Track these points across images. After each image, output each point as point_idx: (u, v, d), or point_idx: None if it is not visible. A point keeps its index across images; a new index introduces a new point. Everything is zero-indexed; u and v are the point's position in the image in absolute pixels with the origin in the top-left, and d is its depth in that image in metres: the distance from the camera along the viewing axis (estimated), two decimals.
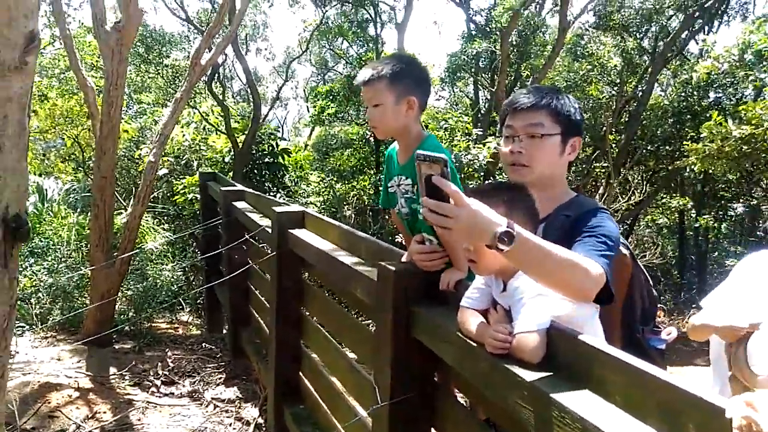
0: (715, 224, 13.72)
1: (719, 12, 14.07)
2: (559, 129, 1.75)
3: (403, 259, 1.99)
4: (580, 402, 1.16)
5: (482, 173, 8.07)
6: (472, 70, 13.28)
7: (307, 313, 3.29)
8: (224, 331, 5.74)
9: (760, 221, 13.35)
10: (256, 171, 9.00)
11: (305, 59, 19.72)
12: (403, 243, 2.46)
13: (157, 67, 13.55)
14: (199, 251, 6.81)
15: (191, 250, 7.49)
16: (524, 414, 1.28)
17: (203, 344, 5.18)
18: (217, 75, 12.44)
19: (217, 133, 10.17)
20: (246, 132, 9.50)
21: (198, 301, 6.68)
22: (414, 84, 2.03)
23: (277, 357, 3.32)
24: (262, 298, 4.24)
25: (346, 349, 3.12)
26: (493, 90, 10.66)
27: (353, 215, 10.50)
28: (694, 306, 11.05)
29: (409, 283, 1.85)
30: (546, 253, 1.35)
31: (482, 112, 13.24)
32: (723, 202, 13.63)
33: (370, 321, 3.98)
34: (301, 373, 3.30)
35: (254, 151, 9.16)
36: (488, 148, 7.65)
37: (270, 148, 9.27)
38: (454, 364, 1.62)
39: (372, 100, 2.02)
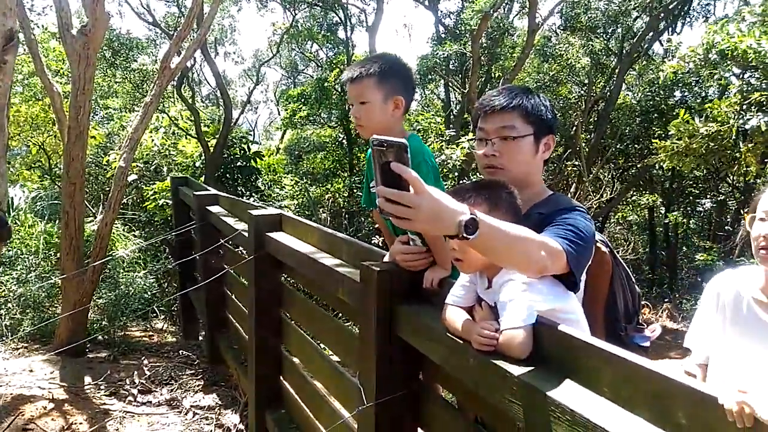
0: (684, 220, 14.01)
1: (682, 13, 14.43)
2: (531, 129, 1.76)
3: (385, 260, 1.98)
4: (570, 394, 1.18)
5: (456, 173, 8.12)
6: (443, 72, 13.36)
7: (287, 317, 3.26)
8: (200, 338, 5.67)
9: (728, 217, 13.68)
10: (228, 175, 8.92)
11: (275, 62, 19.61)
12: (385, 243, 2.45)
13: (124, 72, 13.32)
14: (172, 257, 6.71)
15: (164, 256, 7.36)
16: (513, 409, 1.29)
17: (180, 351, 5.10)
18: (186, 79, 12.28)
19: (186, 138, 10.04)
20: (217, 136, 9.39)
21: (172, 308, 6.57)
22: (401, 84, 2.03)
23: (257, 362, 3.28)
24: (240, 303, 4.20)
25: (329, 351, 3.11)
26: (465, 91, 10.75)
27: (328, 218, 10.47)
28: (666, 300, 11.28)
29: (393, 283, 1.84)
30: (504, 234, 1.33)
31: (454, 113, 13.34)
32: (691, 198, 13.94)
33: (351, 323, 3.97)
34: (282, 378, 3.27)
35: (226, 155, 9.06)
36: (462, 148, 7.70)
37: (242, 151, 9.19)
38: (441, 362, 1.62)
39: (359, 97, 2.00)
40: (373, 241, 8.09)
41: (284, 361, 3.26)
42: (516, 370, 1.29)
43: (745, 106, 7.18)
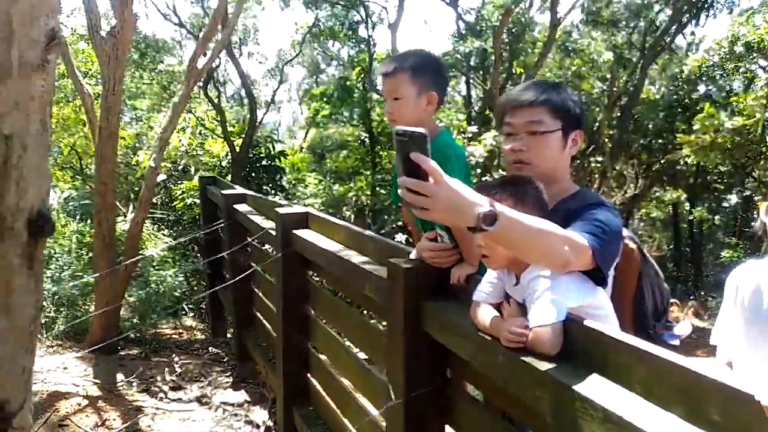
0: (709, 216, 13.78)
1: (706, 5, 14.16)
2: (559, 124, 1.75)
3: (412, 256, 2.00)
4: (601, 391, 1.19)
5: (479, 170, 8.10)
6: (464, 68, 13.31)
7: (314, 315, 3.30)
8: (229, 335, 5.75)
9: (755, 213, 13.41)
10: (254, 174, 9.02)
11: (297, 62, 19.73)
12: (411, 241, 2.47)
13: (152, 73, 13.53)
14: (200, 256, 6.81)
15: (193, 255, 7.48)
16: (543, 405, 1.30)
17: (209, 349, 5.19)
18: (211, 79, 12.44)
19: (213, 138, 10.18)
20: (242, 136, 9.51)
21: (201, 306, 6.67)
22: (434, 80, 2.04)
23: (284, 359, 3.33)
24: (267, 301, 4.25)
25: (355, 349, 3.14)
26: (487, 88, 10.70)
27: (352, 216, 10.52)
28: (692, 298, 11.13)
29: (420, 280, 1.86)
30: (525, 227, 1.33)
31: (476, 110, 13.28)
32: (716, 194, 13.70)
33: (378, 320, 4.00)
34: (309, 375, 3.31)
35: (251, 155, 9.17)
36: (484, 145, 7.68)
37: (267, 150, 9.29)
38: (469, 358, 1.63)
39: (393, 93, 2.02)
40: (396, 239, 8.11)
41: (311, 358, 3.30)
42: (546, 366, 1.31)
43: None
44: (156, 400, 4.00)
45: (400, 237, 8.74)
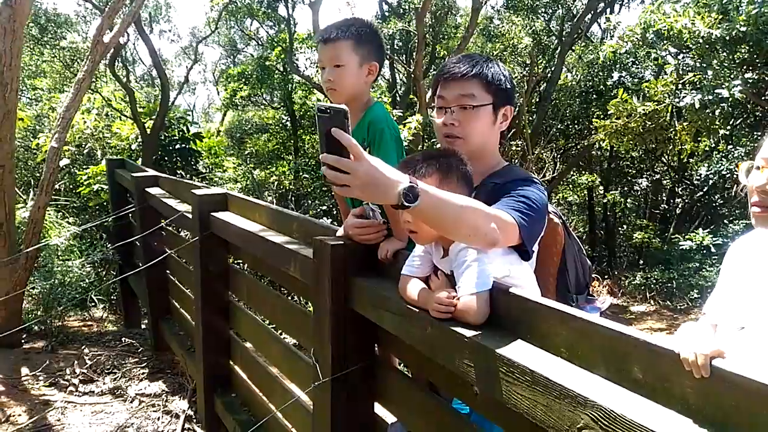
0: (622, 199, 14.53)
1: None
2: (490, 99, 1.74)
3: (339, 234, 1.95)
4: (527, 355, 1.19)
5: (405, 152, 8.12)
6: (387, 50, 13.28)
7: (236, 299, 3.19)
8: (143, 326, 5.50)
9: (664, 195, 14.25)
10: (167, 158, 8.60)
11: (213, 41, 19.04)
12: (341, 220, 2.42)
13: (53, 50, 12.61)
14: (110, 244, 6.45)
15: (101, 243, 7.07)
16: (471, 374, 1.29)
17: (122, 339, 4.93)
18: (119, 57, 11.75)
19: (121, 119, 9.63)
20: (153, 117, 9.04)
21: (112, 297, 6.33)
22: (376, 50, 2.00)
23: (204, 346, 3.21)
24: (184, 288, 4.09)
25: (280, 331, 3.06)
26: (411, 70, 10.74)
27: (274, 201, 10.31)
28: (606, 277, 11.71)
29: (347, 257, 1.81)
30: (450, 204, 1.33)
31: (400, 93, 13.32)
32: (628, 177, 14.44)
33: (306, 301, 3.93)
34: (231, 361, 3.21)
35: (163, 137, 8.74)
36: (409, 128, 7.70)
37: (180, 133, 8.88)
38: (398, 332, 1.61)
39: (334, 60, 1.94)
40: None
41: (233, 345, 3.20)
42: (473, 334, 1.30)
43: (680, 86, 7.46)
44: (65, 393, 3.76)
45: (326, 222, 8.64)
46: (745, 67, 7.14)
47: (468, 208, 1.37)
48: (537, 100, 13.78)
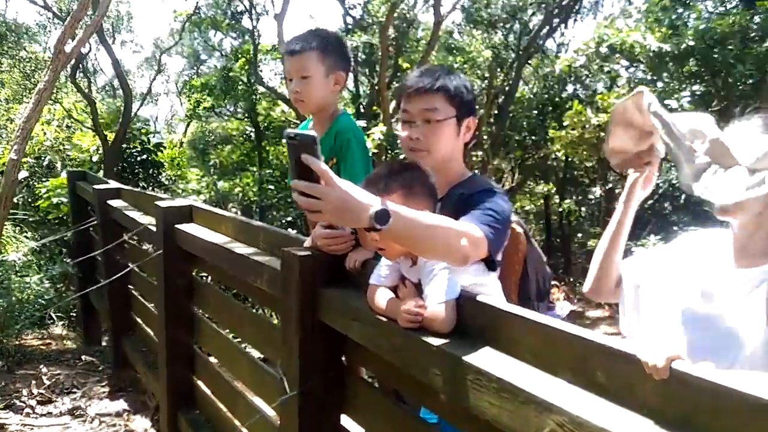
0: (576, 208, 14.87)
1: (574, 10, 15.27)
2: (454, 112, 1.77)
3: (306, 244, 1.95)
4: (494, 362, 1.21)
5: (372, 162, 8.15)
6: (352, 63, 13.33)
7: (201, 313, 3.14)
8: (104, 343, 5.35)
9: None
10: (129, 169, 8.44)
11: (176, 51, 18.81)
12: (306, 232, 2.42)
13: (12, 60, 12.25)
14: (70, 258, 6.27)
15: (61, 258, 6.86)
16: (438, 381, 1.31)
17: (82, 357, 4.78)
18: (81, 67, 11.49)
19: (82, 131, 9.41)
20: (115, 129, 8.87)
21: (72, 314, 6.14)
22: (341, 60, 2.01)
23: (168, 362, 3.14)
24: (148, 303, 4.00)
25: (247, 345, 3.03)
26: (375, 82, 10.81)
27: (239, 213, 10.20)
28: (562, 284, 11.95)
29: (316, 268, 1.81)
30: (421, 224, 1.35)
31: (363, 105, 13.39)
32: (582, 187, 14.80)
33: (273, 314, 3.89)
34: (195, 377, 3.15)
35: (126, 149, 8.58)
36: (372, 139, 7.73)
37: (143, 144, 8.73)
38: (366, 342, 1.61)
39: (300, 71, 1.95)
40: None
41: (198, 360, 3.14)
42: (440, 343, 1.32)
43: None
44: (21, 416, 3.62)
45: (291, 233, 8.59)
46: (693, 80, 7.43)
47: (438, 227, 1.39)
48: (496, 112, 14.04)
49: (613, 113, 1.70)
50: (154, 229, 3.26)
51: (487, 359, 1.23)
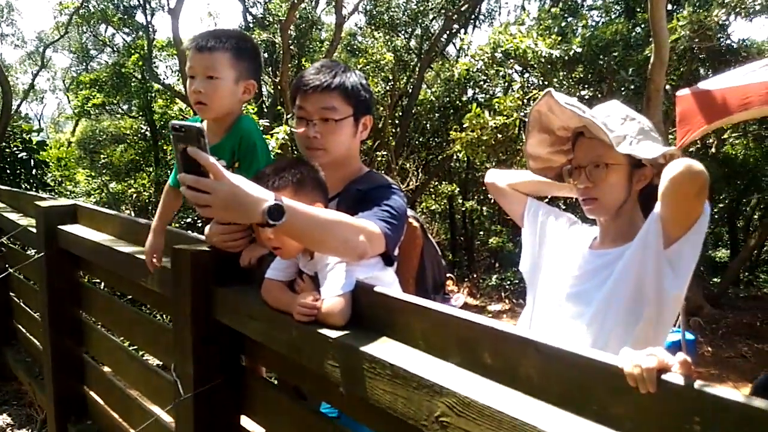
0: (478, 207, 15.42)
1: (472, 17, 15.85)
2: (351, 111, 1.77)
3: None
4: (388, 350, 1.23)
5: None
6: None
7: (88, 318, 2.97)
8: None
9: None
10: (9, 169, 7.79)
11: (63, 46, 17.59)
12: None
13: None
14: None
15: None
16: (336, 373, 1.32)
17: None
18: None
19: None
20: None
21: None
22: (254, 68, 1.87)
23: (54, 372, 2.94)
24: (31, 309, 3.73)
25: (140, 349, 2.89)
26: (277, 81, 10.66)
27: (132, 215, 9.69)
28: (466, 280, 12.37)
29: (209, 265, 1.76)
30: (317, 219, 1.34)
31: (266, 104, 13.16)
32: (483, 187, 15.39)
33: (166, 316, 3.74)
34: (86, 386, 2.97)
35: (5, 148, 7.91)
36: (276, 138, 7.62)
37: (24, 143, 8.09)
38: (263, 339, 1.59)
39: (208, 70, 1.77)
40: None
41: (87, 368, 2.97)
42: (337, 335, 1.32)
43: (525, 101, 8.13)
44: None
45: (189, 233, 8.28)
46: (581, 85, 7.95)
47: (335, 222, 1.39)
48: (400, 113, 14.30)
49: (529, 119, 1.85)
50: (34, 230, 3.04)
51: (381, 348, 1.25)
